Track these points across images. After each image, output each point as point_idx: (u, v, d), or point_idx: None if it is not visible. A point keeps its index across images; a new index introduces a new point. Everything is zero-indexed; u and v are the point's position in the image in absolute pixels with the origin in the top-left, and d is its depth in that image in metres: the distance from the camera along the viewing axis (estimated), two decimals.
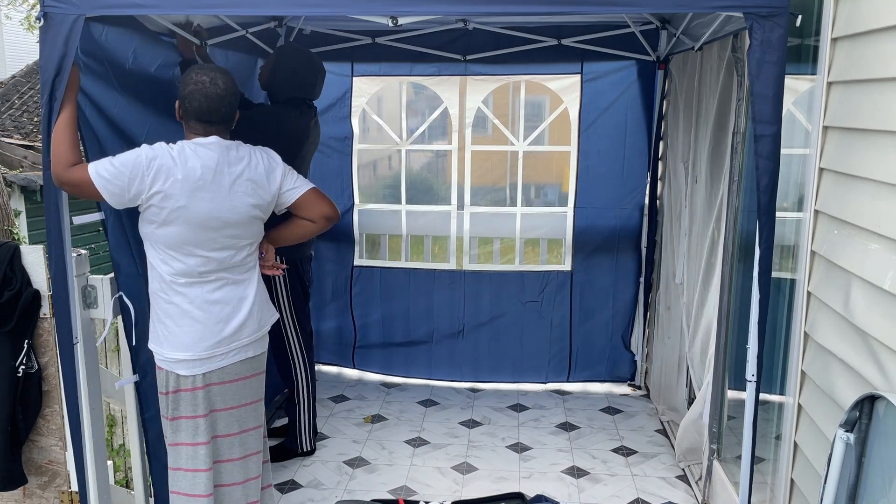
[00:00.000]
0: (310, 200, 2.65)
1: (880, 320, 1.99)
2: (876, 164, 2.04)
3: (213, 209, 2.39)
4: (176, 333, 2.48)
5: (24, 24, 11.42)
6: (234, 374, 2.57)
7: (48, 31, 2.29)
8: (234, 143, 2.51)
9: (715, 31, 3.32)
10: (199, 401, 2.52)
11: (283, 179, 2.59)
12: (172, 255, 2.43)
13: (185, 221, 2.37)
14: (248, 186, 2.47)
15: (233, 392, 2.58)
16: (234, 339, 2.53)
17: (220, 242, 2.45)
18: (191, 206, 2.36)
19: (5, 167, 7.97)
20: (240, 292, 2.54)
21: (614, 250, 4.80)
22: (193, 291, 2.47)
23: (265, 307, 2.66)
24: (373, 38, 4.66)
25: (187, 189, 2.35)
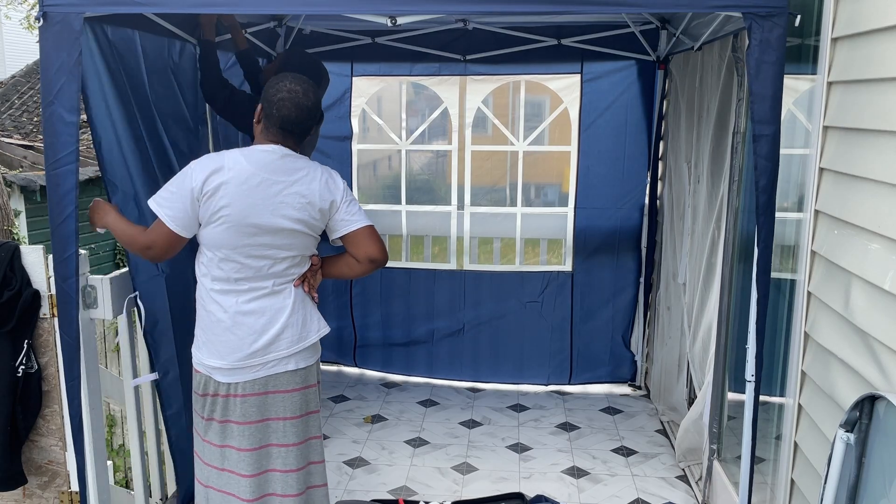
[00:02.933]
0: (360, 237, 2.50)
1: (880, 320, 1.98)
2: (876, 164, 2.04)
3: (254, 213, 2.34)
4: (213, 342, 2.46)
5: (24, 23, 11.42)
6: (273, 386, 2.49)
7: (48, 30, 2.29)
8: (294, 154, 2.43)
9: (715, 30, 3.32)
10: (232, 407, 2.48)
11: (341, 205, 2.47)
12: (213, 257, 2.41)
13: (226, 222, 2.34)
14: (297, 200, 2.39)
15: (273, 404, 2.50)
16: (268, 351, 2.46)
17: (257, 250, 2.39)
18: (233, 204, 2.33)
19: (5, 167, 7.97)
20: (278, 303, 2.47)
21: (614, 250, 4.80)
22: (228, 300, 2.43)
23: (309, 318, 2.54)
24: (373, 38, 4.66)
25: (231, 192, 2.33)
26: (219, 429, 2.50)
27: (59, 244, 2.40)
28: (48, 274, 2.71)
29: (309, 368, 2.56)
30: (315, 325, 2.57)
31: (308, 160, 2.48)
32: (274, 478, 2.55)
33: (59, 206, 2.39)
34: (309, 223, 2.43)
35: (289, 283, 2.49)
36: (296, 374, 2.52)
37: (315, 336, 2.56)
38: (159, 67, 3.07)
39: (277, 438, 2.53)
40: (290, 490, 2.55)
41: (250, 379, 2.47)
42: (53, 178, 2.37)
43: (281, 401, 2.51)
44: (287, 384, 2.51)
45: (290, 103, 2.38)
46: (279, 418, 2.52)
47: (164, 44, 3.14)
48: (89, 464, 2.68)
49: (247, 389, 2.47)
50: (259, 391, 2.48)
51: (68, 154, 2.36)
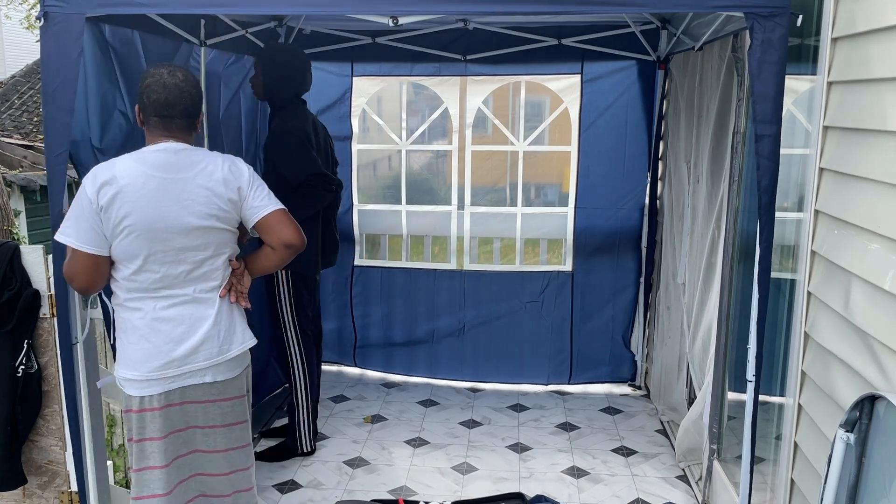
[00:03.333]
0: (270, 223, 2.39)
1: (880, 320, 1.98)
2: (876, 164, 2.04)
3: (159, 216, 2.23)
4: (128, 350, 2.33)
5: (25, 23, 11.41)
6: (191, 397, 2.38)
7: (49, 30, 2.30)
8: (189, 147, 2.32)
9: (715, 30, 3.32)
10: (148, 423, 2.34)
11: (249, 192, 2.36)
12: (126, 269, 2.28)
13: (131, 231, 2.23)
14: (201, 193, 2.27)
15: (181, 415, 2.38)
16: (185, 362, 2.33)
17: (171, 255, 2.27)
18: (134, 213, 2.21)
19: (5, 167, 7.97)
20: (199, 312, 2.34)
21: (615, 250, 4.80)
22: (146, 306, 2.31)
23: (233, 330, 2.42)
24: (373, 38, 4.66)
25: (130, 197, 2.21)
26: (137, 450, 2.36)
27: (59, 244, 2.40)
28: (48, 274, 2.71)
29: (228, 382, 2.42)
30: (239, 337, 2.44)
31: (207, 151, 2.38)
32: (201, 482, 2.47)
33: (59, 206, 2.39)
34: (220, 217, 2.32)
35: (213, 291, 2.37)
36: (212, 386, 2.39)
37: (237, 349, 2.43)
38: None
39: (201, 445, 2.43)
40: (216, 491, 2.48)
41: (164, 391, 2.33)
42: (54, 177, 2.37)
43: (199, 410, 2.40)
44: (203, 396, 2.39)
45: (158, 85, 2.27)
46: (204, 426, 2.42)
47: (166, 43, 3.14)
48: (89, 464, 2.68)
49: (162, 402, 2.34)
50: (175, 402, 2.36)
51: (68, 153, 2.36)
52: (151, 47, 3.02)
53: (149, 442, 2.35)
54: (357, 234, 5.00)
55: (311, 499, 3.53)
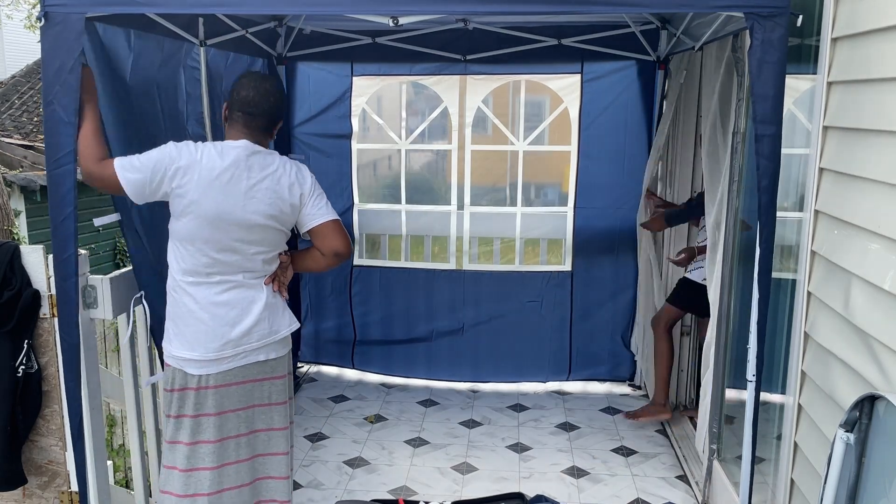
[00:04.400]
0: (324, 231, 2.56)
1: (880, 320, 1.98)
2: (876, 164, 2.04)
3: (224, 209, 2.39)
4: (184, 333, 2.49)
5: (26, 23, 11.41)
6: (241, 377, 2.55)
7: (49, 30, 2.29)
8: (264, 149, 2.50)
9: (715, 30, 3.32)
10: (204, 400, 2.51)
11: (308, 200, 2.53)
12: (183, 251, 2.45)
13: (196, 216, 2.39)
14: (267, 195, 2.45)
15: (240, 394, 2.56)
16: (241, 343, 2.51)
17: (227, 244, 2.43)
18: (202, 201, 2.38)
19: (5, 167, 7.97)
20: (249, 296, 2.51)
21: (614, 250, 4.79)
22: (200, 292, 2.47)
23: (280, 313, 2.60)
24: (373, 38, 4.65)
25: (202, 185, 2.37)
26: (191, 425, 2.51)
27: (59, 244, 2.40)
28: (48, 274, 2.71)
29: (279, 359, 2.62)
30: (286, 321, 2.63)
31: (278, 155, 2.53)
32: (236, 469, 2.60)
33: (59, 206, 2.39)
34: (279, 218, 2.49)
35: (260, 278, 2.54)
36: (265, 364, 2.58)
37: (286, 331, 2.62)
38: (160, 68, 3.07)
39: (244, 428, 2.59)
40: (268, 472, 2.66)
41: (223, 370, 2.51)
42: (54, 177, 2.37)
43: (249, 390, 2.57)
44: (256, 374, 2.57)
45: (249, 85, 2.47)
46: (244, 408, 2.58)
47: (167, 44, 3.14)
48: (89, 464, 2.68)
49: (219, 381, 2.51)
50: (229, 382, 2.53)
51: (68, 154, 2.36)
52: (153, 46, 3.01)
53: (205, 418, 2.51)
54: (357, 234, 5.00)
55: (311, 499, 3.53)
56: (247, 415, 2.59)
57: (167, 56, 3.17)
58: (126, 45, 2.83)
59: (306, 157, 4.80)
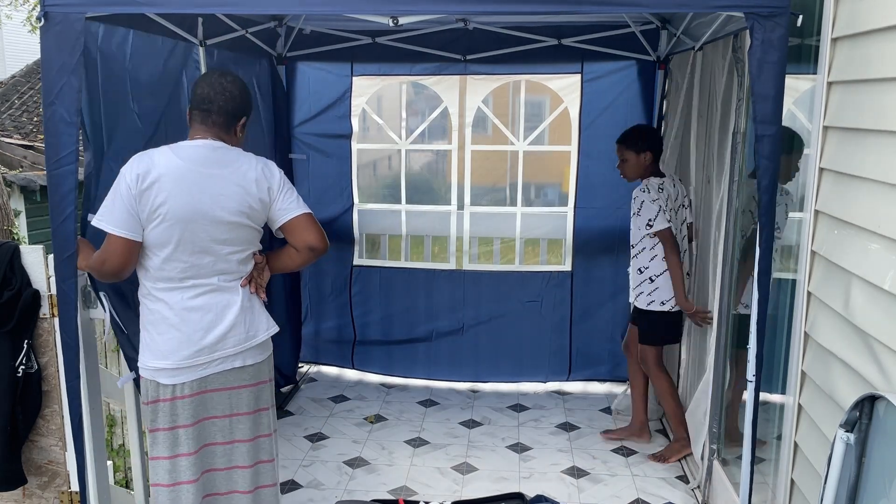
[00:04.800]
0: (296, 225, 2.48)
1: (880, 320, 1.98)
2: (876, 164, 2.04)
3: (192, 207, 2.33)
4: (157, 341, 2.41)
5: (27, 25, 11.41)
6: (219, 384, 2.46)
7: (49, 30, 2.29)
8: (225, 146, 2.43)
9: (715, 31, 3.32)
10: (179, 411, 2.42)
11: (278, 195, 2.46)
12: (155, 258, 2.37)
13: (165, 219, 2.32)
14: (233, 190, 2.37)
15: (219, 401, 2.47)
16: (215, 349, 2.42)
17: (200, 245, 2.36)
18: (169, 201, 2.31)
19: (5, 167, 7.97)
20: (224, 300, 2.43)
21: (614, 250, 4.79)
22: (173, 297, 2.40)
23: (256, 316, 2.51)
24: (373, 38, 4.66)
25: (166, 186, 2.31)
26: (168, 438, 2.43)
27: (60, 244, 2.40)
28: (48, 274, 2.71)
29: (257, 366, 2.53)
30: (264, 324, 2.54)
31: (242, 151, 2.47)
32: (217, 477, 2.52)
33: (60, 207, 2.39)
34: (249, 214, 2.41)
35: (235, 281, 2.46)
36: (243, 370, 2.49)
37: (264, 335, 2.53)
38: (160, 67, 3.07)
39: (222, 437, 2.50)
40: (237, 487, 2.53)
41: (196, 378, 2.42)
42: (54, 178, 2.37)
43: (227, 398, 2.48)
44: (234, 381, 2.48)
45: (205, 83, 2.43)
46: (224, 416, 2.49)
47: (167, 44, 3.14)
48: (89, 464, 2.68)
49: (194, 389, 2.43)
50: (205, 389, 2.45)
51: (69, 154, 2.36)
52: (154, 46, 3.01)
53: (182, 429, 2.43)
54: (357, 234, 4.99)
55: (311, 499, 3.53)
56: (227, 423, 2.50)
57: (168, 56, 3.17)
58: (131, 44, 2.83)
59: (306, 157, 4.81)
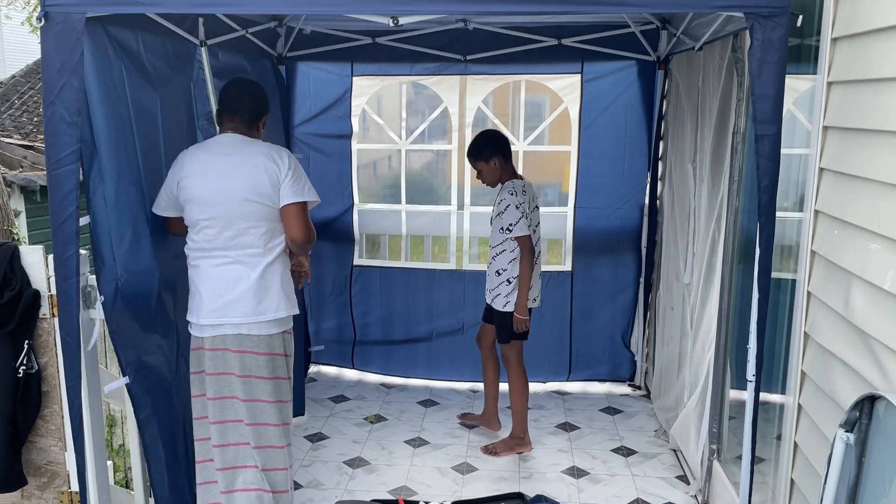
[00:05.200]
0: (286, 214, 2.79)
1: (880, 320, 1.99)
2: (876, 164, 2.04)
3: (214, 189, 2.72)
4: (191, 301, 2.86)
5: (27, 25, 11.41)
6: (236, 346, 2.80)
7: (49, 30, 2.29)
8: (245, 137, 2.83)
9: (715, 31, 3.32)
10: (203, 359, 2.83)
11: (285, 180, 2.77)
12: (191, 232, 2.81)
13: (195, 202, 2.75)
14: (248, 173, 2.73)
15: (235, 361, 2.80)
16: (224, 314, 2.77)
17: (221, 221, 2.74)
18: (195, 187, 2.74)
19: (5, 167, 7.96)
20: (237, 273, 2.77)
21: (614, 250, 4.80)
22: (201, 265, 2.81)
23: (271, 296, 2.81)
24: (373, 38, 4.66)
25: (195, 176, 2.75)
26: (196, 380, 2.88)
27: (60, 244, 2.40)
28: (48, 274, 2.71)
29: (270, 338, 2.83)
30: (274, 305, 2.82)
31: (260, 142, 2.86)
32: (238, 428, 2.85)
33: (60, 207, 2.39)
34: (262, 194, 2.74)
35: (253, 257, 2.79)
36: (259, 339, 2.81)
37: (272, 314, 2.81)
38: (161, 67, 3.07)
39: (243, 394, 2.82)
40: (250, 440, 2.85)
41: (213, 335, 2.80)
42: (54, 178, 2.37)
43: (243, 360, 2.80)
44: (249, 346, 2.81)
45: (231, 89, 2.88)
46: (243, 375, 2.81)
47: (168, 44, 3.14)
48: (89, 464, 2.68)
49: (216, 344, 2.81)
50: (224, 347, 2.80)
51: (69, 154, 2.36)
52: (154, 46, 3.01)
53: (206, 375, 2.84)
54: (357, 234, 5.00)
55: (311, 499, 3.53)
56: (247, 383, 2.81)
57: (170, 54, 3.17)
58: (132, 45, 2.83)
59: (306, 157, 4.80)
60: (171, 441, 3.01)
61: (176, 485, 3.06)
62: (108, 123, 2.66)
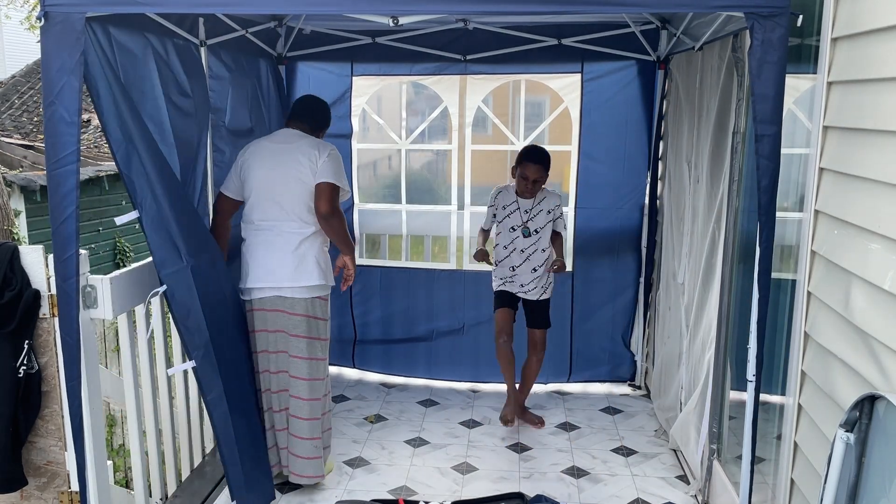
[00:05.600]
0: (317, 190, 3.29)
1: (880, 320, 1.99)
2: (876, 164, 2.04)
3: (267, 173, 3.32)
4: (242, 269, 3.40)
5: (25, 24, 11.41)
6: (278, 307, 3.35)
7: (49, 30, 2.29)
8: (301, 133, 3.44)
9: (715, 30, 3.32)
10: (252, 319, 3.37)
11: (319, 166, 3.30)
12: (247, 208, 3.39)
13: (252, 182, 3.35)
14: (297, 160, 3.32)
15: (275, 319, 3.35)
16: (266, 280, 3.32)
17: (270, 200, 3.32)
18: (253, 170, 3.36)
19: (5, 167, 7.97)
20: (278, 243, 3.32)
21: (614, 250, 4.79)
22: (251, 236, 3.38)
23: (308, 267, 3.34)
24: (373, 38, 4.66)
25: (256, 161, 3.37)
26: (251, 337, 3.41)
27: (60, 244, 2.40)
28: (48, 274, 2.71)
29: (306, 301, 3.35)
30: (309, 274, 3.34)
31: (309, 136, 3.44)
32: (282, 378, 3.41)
33: (60, 207, 2.39)
34: (303, 178, 3.30)
35: (293, 231, 3.32)
36: (294, 301, 3.34)
37: (306, 282, 3.33)
38: (163, 67, 3.07)
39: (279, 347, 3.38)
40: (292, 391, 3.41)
41: (257, 297, 3.36)
42: (54, 178, 2.37)
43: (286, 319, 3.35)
44: (288, 308, 3.34)
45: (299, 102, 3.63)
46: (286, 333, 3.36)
47: (168, 44, 3.14)
48: (89, 464, 2.68)
49: (264, 305, 3.36)
50: (268, 308, 3.35)
51: (69, 154, 2.36)
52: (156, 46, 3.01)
53: (255, 333, 3.39)
54: (357, 234, 5.00)
55: (311, 499, 3.53)
56: (289, 339, 3.36)
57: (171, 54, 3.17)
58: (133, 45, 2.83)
59: None
60: (242, 419, 3.10)
61: (254, 461, 3.17)
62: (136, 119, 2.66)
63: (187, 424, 3.55)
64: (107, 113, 2.53)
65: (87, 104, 7.31)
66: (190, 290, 2.84)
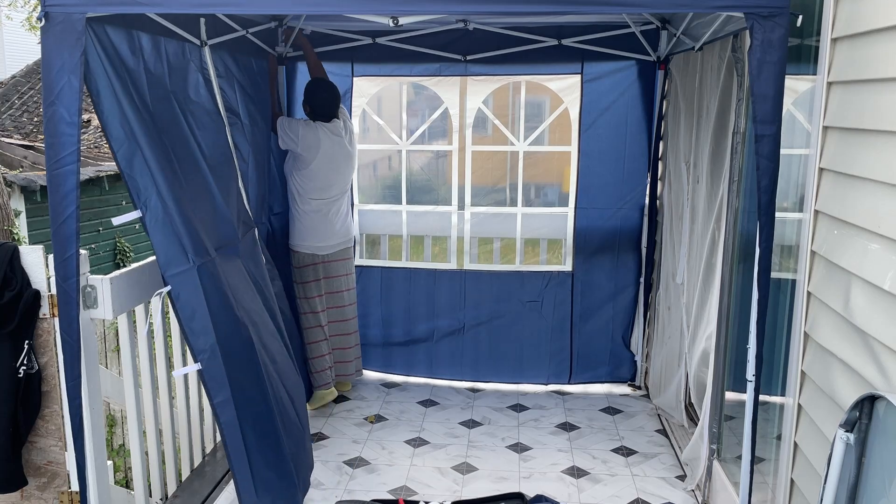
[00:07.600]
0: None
1: (880, 320, 1.99)
2: (876, 164, 2.04)
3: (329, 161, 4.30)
4: (315, 231, 4.40)
5: (26, 24, 11.41)
6: (339, 256, 4.53)
7: (50, 30, 2.29)
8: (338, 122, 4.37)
9: (715, 31, 3.32)
10: (322, 268, 4.47)
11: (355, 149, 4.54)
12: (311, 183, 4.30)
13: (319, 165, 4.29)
14: (346, 150, 4.38)
15: (338, 266, 4.54)
16: (334, 237, 4.46)
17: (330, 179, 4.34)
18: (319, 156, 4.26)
19: (5, 167, 7.97)
20: (337, 209, 4.44)
21: (615, 250, 4.79)
22: (320, 207, 4.36)
23: (351, 225, 4.65)
24: (373, 39, 4.66)
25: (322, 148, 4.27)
26: (316, 285, 4.48)
27: (60, 244, 2.40)
28: (48, 274, 2.71)
29: (349, 248, 4.62)
30: (353, 229, 4.71)
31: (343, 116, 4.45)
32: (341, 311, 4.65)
33: (60, 207, 2.39)
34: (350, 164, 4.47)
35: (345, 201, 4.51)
36: (346, 250, 4.59)
37: (352, 235, 4.66)
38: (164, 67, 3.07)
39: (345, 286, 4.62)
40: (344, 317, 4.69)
41: (326, 252, 4.46)
42: (54, 178, 2.37)
43: (345, 264, 4.58)
44: (346, 255, 4.58)
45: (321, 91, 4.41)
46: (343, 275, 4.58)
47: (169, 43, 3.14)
48: (89, 464, 2.68)
49: (335, 256, 4.50)
50: (333, 259, 4.50)
51: (69, 154, 2.36)
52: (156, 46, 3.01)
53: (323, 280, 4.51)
54: (357, 234, 5.00)
55: (311, 499, 3.54)
56: (347, 279, 4.60)
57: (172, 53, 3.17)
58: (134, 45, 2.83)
59: None
60: (254, 424, 2.97)
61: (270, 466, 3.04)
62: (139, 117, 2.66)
63: (187, 424, 3.55)
64: (107, 112, 2.53)
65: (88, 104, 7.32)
66: (196, 291, 2.78)
